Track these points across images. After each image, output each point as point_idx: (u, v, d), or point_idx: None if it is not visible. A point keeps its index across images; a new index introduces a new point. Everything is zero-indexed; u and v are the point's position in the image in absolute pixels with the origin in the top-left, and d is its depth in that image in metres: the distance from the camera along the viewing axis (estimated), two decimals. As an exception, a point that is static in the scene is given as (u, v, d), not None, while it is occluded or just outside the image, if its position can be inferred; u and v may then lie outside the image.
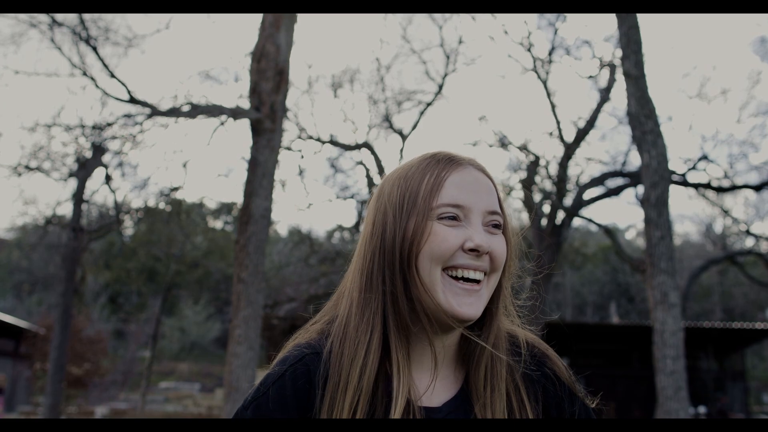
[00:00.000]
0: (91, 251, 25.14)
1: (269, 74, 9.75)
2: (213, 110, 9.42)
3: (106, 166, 17.31)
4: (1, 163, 15.70)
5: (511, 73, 29.08)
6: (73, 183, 18.12)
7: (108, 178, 17.78)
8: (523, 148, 19.57)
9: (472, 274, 1.28)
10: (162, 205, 23.60)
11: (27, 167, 15.39)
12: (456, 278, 1.28)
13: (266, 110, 9.64)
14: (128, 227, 28.63)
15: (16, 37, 12.32)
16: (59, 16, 10.69)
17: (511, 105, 44.02)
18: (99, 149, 15.52)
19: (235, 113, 9.44)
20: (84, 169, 17.31)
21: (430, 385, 1.32)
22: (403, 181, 1.35)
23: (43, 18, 10.99)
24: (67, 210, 19.14)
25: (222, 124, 10.03)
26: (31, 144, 14.45)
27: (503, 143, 19.75)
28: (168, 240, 27.27)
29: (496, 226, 1.34)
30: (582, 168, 20.12)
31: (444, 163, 1.35)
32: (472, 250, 1.27)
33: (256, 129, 9.67)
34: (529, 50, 18.98)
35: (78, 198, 17.98)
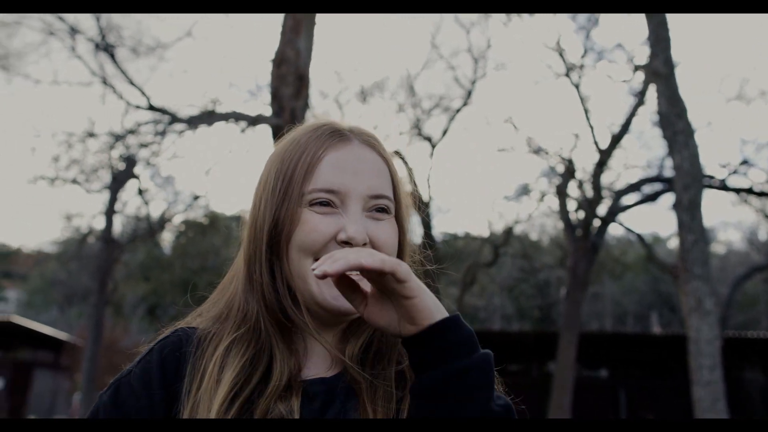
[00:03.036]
0: (126, 263, 25.36)
1: (289, 79, 9.64)
2: (232, 117, 9.34)
3: (138, 178, 17.44)
4: (38, 176, 15.89)
5: (543, 79, 28.66)
6: (107, 195, 18.29)
7: (141, 190, 17.92)
8: (557, 154, 19.25)
9: None
10: (199, 218, 23.80)
11: (62, 179, 15.57)
12: None
13: (287, 116, 9.51)
14: (165, 239, 28.95)
15: (37, 47, 12.49)
16: (78, 24, 10.81)
17: (544, 111, 43.58)
18: (130, 160, 15.62)
19: (255, 120, 9.35)
20: (116, 180, 17.44)
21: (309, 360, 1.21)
22: (279, 161, 1.22)
23: (61, 26, 11.12)
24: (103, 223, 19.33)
25: (242, 131, 9.95)
26: (64, 155, 14.61)
27: (536, 150, 19.45)
28: (203, 252, 27.44)
29: (382, 210, 1.18)
30: (618, 173, 19.69)
31: (324, 138, 1.20)
32: (344, 242, 1.13)
33: (277, 135, 9.56)
34: (561, 55, 18.66)
35: (110, 210, 18.12)
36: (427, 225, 13.05)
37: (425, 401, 1.02)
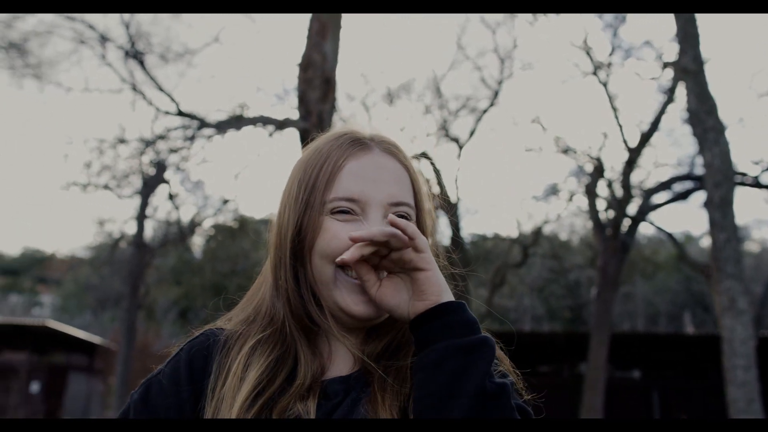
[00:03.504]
0: (158, 268, 25.62)
1: (316, 83, 9.68)
2: (259, 121, 9.41)
3: (168, 183, 17.61)
4: (71, 182, 16.14)
5: (570, 78, 28.42)
6: (138, 200, 18.50)
7: (171, 195, 18.09)
8: (586, 154, 19.10)
9: None
10: (228, 222, 23.98)
11: (94, 185, 15.79)
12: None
13: (314, 119, 9.56)
14: (196, 243, 29.21)
15: (68, 55, 12.73)
16: (108, 32, 11.02)
17: (572, 110, 43.32)
18: (160, 166, 15.80)
19: (282, 123, 9.41)
20: (147, 186, 17.64)
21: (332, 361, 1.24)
22: (302, 170, 1.26)
23: (92, 34, 11.32)
24: (135, 228, 19.55)
25: (270, 135, 10.02)
26: (96, 162, 14.82)
27: (565, 149, 19.31)
28: (233, 255, 27.64)
29: (402, 217, 1.20)
30: (648, 172, 19.47)
31: (345, 147, 1.23)
32: None
33: (305, 139, 9.62)
34: (588, 53, 18.52)
35: (141, 215, 18.33)
36: (455, 226, 13.04)
37: (424, 374, 1.06)
